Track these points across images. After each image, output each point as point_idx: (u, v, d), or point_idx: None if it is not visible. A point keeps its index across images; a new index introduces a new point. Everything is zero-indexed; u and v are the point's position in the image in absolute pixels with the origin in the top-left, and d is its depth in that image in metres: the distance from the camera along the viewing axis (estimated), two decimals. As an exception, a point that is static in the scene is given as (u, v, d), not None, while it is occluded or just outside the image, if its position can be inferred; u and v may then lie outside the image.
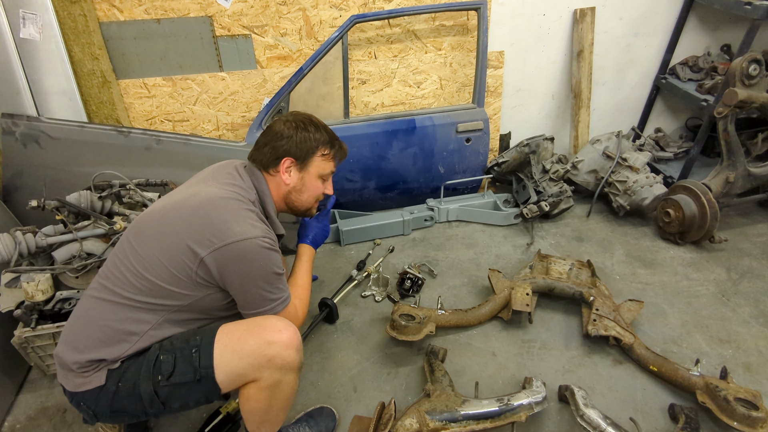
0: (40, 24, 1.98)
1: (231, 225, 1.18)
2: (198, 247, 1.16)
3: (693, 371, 1.61)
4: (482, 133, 2.58)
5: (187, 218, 1.20)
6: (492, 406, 1.45)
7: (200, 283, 1.20)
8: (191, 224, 1.19)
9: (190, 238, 1.17)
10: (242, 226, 1.19)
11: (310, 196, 1.46)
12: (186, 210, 1.22)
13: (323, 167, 1.44)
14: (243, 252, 1.18)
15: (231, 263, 1.18)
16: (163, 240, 1.19)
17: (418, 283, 2.09)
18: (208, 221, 1.19)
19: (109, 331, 1.18)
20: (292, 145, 1.38)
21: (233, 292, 1.24)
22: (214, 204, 1.22)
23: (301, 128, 1.39)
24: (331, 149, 1.44)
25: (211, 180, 1.33)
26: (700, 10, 2.75)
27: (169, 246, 1.18)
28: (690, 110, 3.10)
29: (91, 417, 1.22)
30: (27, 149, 1.99)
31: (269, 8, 2.26)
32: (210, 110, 2.45)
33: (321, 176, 1.45)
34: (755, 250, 2.37)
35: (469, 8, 2.36)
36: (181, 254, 1.17)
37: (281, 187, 1.41)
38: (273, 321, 1.22)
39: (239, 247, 1.17)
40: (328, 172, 1.46)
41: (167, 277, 1.18)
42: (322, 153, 1.42)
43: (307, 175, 1.42)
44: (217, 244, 1.16)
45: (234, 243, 1.17)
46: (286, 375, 1.21)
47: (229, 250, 1.17)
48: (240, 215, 1.22)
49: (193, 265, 1.17)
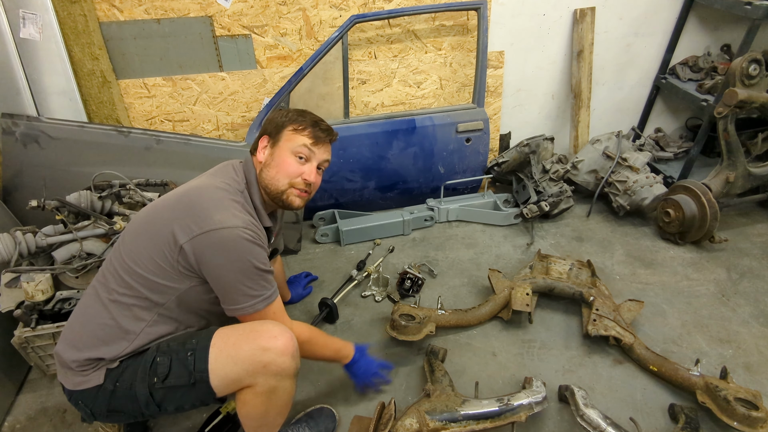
0: (40, 24, 1.98)
1: (212, 213, 1.17)
2: (179, 234, 1.15)
3: (693, 371, 1.61)
4: (482, 133, 2.58)
5: (172, 205, 1.21)
6: (492, 406, 1.45)
7: (182, 272, 1.18)
8: (174, 210, 1.19)
9: (174, 225, 1.16)
10: (223, 214, 1.17)
11: (279, 172, 1.33)
12: (172, 198, 1.23)
13: (293, 140, 1.33)
14: (221, 241, 1.15)
15: (208, 251, 1.15)
16: (150, 229, 1.20)
17: (418, 283, 2.09)
18: (190, 208, 1.18)
19: (106, 329, 1.18)
20: (268, 123, 1.38)
21: (212, 285, 1.21)
22: (199, 191, 1.22)
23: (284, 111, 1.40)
24: (304, 126, 1.34)
25: (206, 174, 1.34)
26: (700, 10, 2.75)
27: (154, 235, 1.18)
28: (690, 110, 3.09)
29: (88, 416, 1.22)
30: (27, 149, 1.99)
31: (269, 8, 2.26)
32: (210, 110, 2.45)
33: (293, 152, 1.33)
34: (755, 250, 2.37)
35: (469, 8, 2.36)
36: (163, 242, 1.17)
37: (258, 167, 1.37)
38: (269, 326, 1.20)
39: (217, 235, 1.15)
40: (300, 145, 1.33)
41: (152, 268, 1.17)
42: (294, 127, 1.34)
43: (277, 149, 1.34)
44: (196, 231, 1.15)
45: (212, 231, 1.14)
46: (282, 381, 1.20)
47: (207, 237, 1.15)
48: (223, 204, 1.20)
49: (173, 252, 1.16)
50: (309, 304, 2.06)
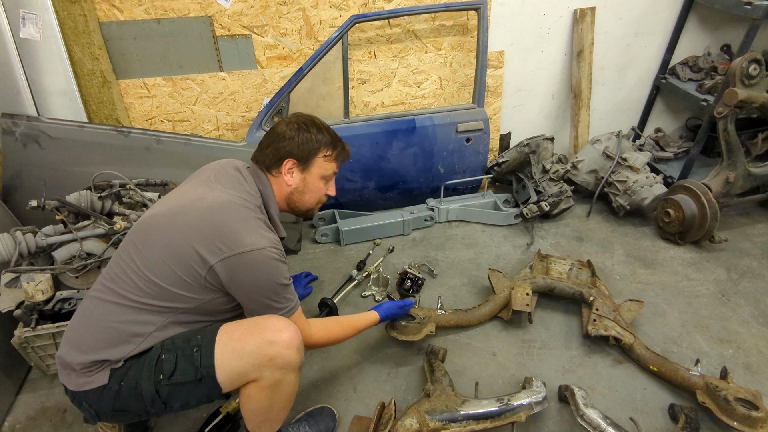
0: (40, 24, 1.98)
1: (242, 234, 1.19)
2: (207, 254, 1.17)
3: (693, 371, 1.61)
4: (482, 133, 2.58)
5: (195, 224, 1.20)
6: (492, 406, 1.45)
7: (207, 287, 1.21)
8: (200, 230, 1.19)
9: (199, 244, 1.17)
10: (252, 236, 1.20)
11: (312, 197, 1.47)
12: (194, 215, 1.22)
13: (325, 168, 1.44)
14: (252, 262, 1.19)
15: (240, 272, 1.19)
16: (171, 245, 1.19)
17: (418, 283, 2.09)
18: (217, 228, 1.19)
19: (113, 333, 1.18)
20: (294, 146, 1.38)
21: (240, 299, 1.26)
22: (223, 210, 1.22)
23: (303, 129, 1.40)
24: (333, 150, 1.45)
25: (215, 182, 1.32)
26: (700, 10, 2.75)
27: (178, 251, 1.18)
28: (690, 110, 3.10)
29: (92, 416, 1.22)
30: (27, 149, 1.99)
31: (269, 8, 2.26)
32: (210, 110, 2.45)
33: (323, 177, 1.45)
34: (755, 250, 2.37)
35: (469, 8, 2.36)
36: (189, 259, 1.18)
37: (283, 188, 1.42)
38: (274, 320, 1.22)
39: (249, 257, 1.18)
40: (331, 173, 1.47)
41: (175, 281, 1.18)
42: (324, 154, 1.43)
43: (309, 176, 1.43)
44: (227, 253, 1.17)
45: (244, 253, 1.17)
46: (287, 374, 1.21)
47: (239, 259, 1.18)
48: (250, 224, 1.23)
49: (202, 271, 1.18)
50: (309, 304, 2.06)
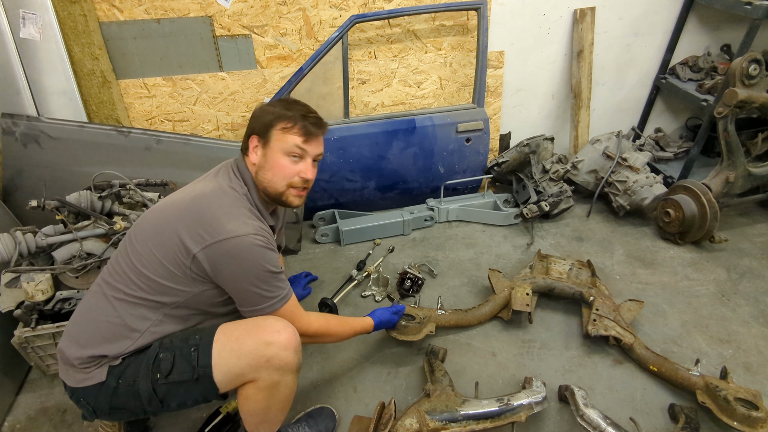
0: (40, 24, 1.98)
1: (223, 221, 1.17)
2: (191, 243, 1.16)
3: (693, 371, 1.61)
4: (482, 133, 2.58)
5: (180, 213, 1.20)
6: (492, 406, 1.45)
7: (195, 278, 1.19)
8: (184, 218, 1.19)
9: (183, 233, 1.16)
10: (234, 223, 1.18)
11: (275, 175, 1.30)
12: (181, 205, 1.22)
13: (285, 141, 1.28)
14: (235, 250, 1.16)
15: (223, 260, 1.17)
16: (159, 235, 1.19)
17: (418, 283, 2.09)
18: (200, 216, 1.18)
19: (111, 327, 1.18)
20: (256, 122, 1.31)
21: (228, 290, 1.23)
22: (207, 198, 1.22)
23: (269, 105, 1.32)
24: (291, 122, 1.28)
25: (211, 176, 1.33)
26: (700, 10, 2.75)
27: (164, 241, 1.18)
28: (690, 110, 3.09)
29: (90, 413, 1.22)
30: (27, 149, 1.99)
31: (269, 8, 2.26)
32: (210, 110, 2.45)
33: (285, 152, 1.29)
34: (755, 250, 2.37)
35: (469, 8, 2.36)
36: (175, 249, 1.17)
37: (252, 169, 1.33)
38: (272, 321, 1.22)
39: (230, 244, 1.16)
40: (293, 146, 1.28)
41: (163, 273, 1.18)
42: (282, 126, 1.28)
43: (269, 150, 1.29)
44: (208, 241, 1.15)
45: (225, 240, 1.15)
46: (285, 376, 1.21)
47: (220, 246, 1.16)
48: (232, 211, 1.21)
49: (186, 260, 1.17)
50: (309, 304, 2.05)
